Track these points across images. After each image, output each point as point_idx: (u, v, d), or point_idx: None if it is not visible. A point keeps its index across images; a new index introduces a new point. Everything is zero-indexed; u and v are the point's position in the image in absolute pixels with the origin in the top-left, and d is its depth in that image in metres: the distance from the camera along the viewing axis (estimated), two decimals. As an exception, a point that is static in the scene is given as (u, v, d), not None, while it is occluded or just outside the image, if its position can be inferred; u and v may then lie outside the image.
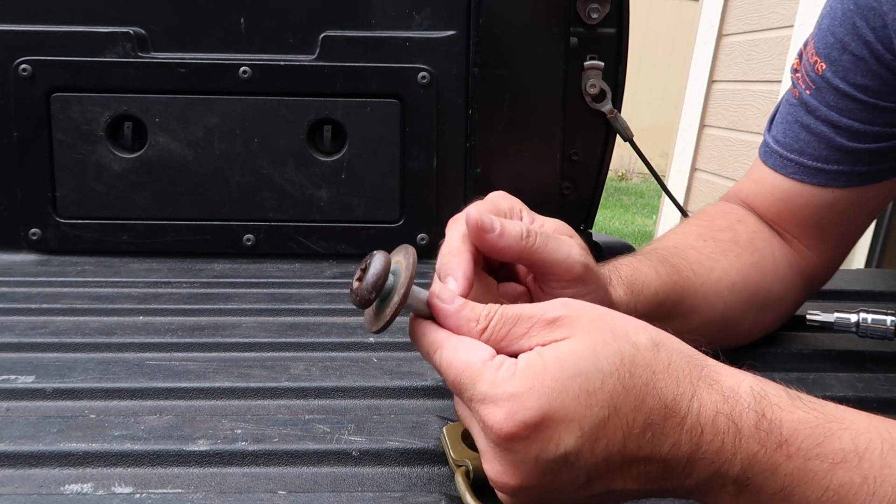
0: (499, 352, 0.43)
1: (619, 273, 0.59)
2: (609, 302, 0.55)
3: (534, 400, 0.39)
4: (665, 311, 0.61)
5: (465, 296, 0.47)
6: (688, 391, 0.40)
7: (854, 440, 0.40)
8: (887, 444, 0.40)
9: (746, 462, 0.39)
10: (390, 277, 0.45)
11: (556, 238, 0.52)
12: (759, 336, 0.74)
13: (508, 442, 0.39)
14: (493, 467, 0.41)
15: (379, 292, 0.45)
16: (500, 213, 0.53)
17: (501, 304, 0.45)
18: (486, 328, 0.43)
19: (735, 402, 0.40)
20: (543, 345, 0.41)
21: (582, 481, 0.40)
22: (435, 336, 0.45)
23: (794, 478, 0.39)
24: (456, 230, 0.52)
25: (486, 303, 0.45)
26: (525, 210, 0.56)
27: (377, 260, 0.44)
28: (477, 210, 0.50)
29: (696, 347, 0.43)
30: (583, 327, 0.41)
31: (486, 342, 0.43)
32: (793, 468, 0.39)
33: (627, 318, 0.43)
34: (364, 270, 0.45)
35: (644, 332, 0.42)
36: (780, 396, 0.41)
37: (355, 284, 0.45)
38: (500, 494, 0.42)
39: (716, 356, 0.43)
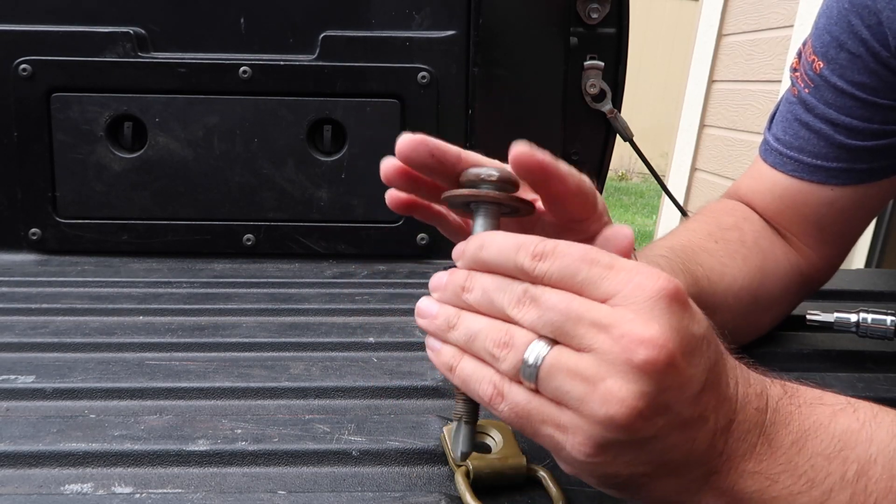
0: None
1: None
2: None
3: (675, 280, 0.38)
4: None
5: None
6: (723, 347, 0.42)
7: (846, 398, 0.43)
8: (875, 407, 0.43)
9: (773, 409, 0.41)
10: None
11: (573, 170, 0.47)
12: (750, 339, 0.74)
13: (671, 301, 0.37)
14: (652, 326, 0.36)
15: (515, 186, 0.46)
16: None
17: None
18: None
19: (748, 366, 0.43)
20: None
21: (700, 385, 0.38)
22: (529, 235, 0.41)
23: (804, 426, 0.41)
24: None
25: None
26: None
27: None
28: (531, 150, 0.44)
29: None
30: None
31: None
32: (803, 417, 0.42)
33: None
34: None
35: None
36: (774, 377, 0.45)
37: (499, 168, 0.45)
38: (630, 376, 0.36)
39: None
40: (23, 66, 0.97)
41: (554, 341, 0.38)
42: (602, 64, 1.11)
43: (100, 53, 0.98)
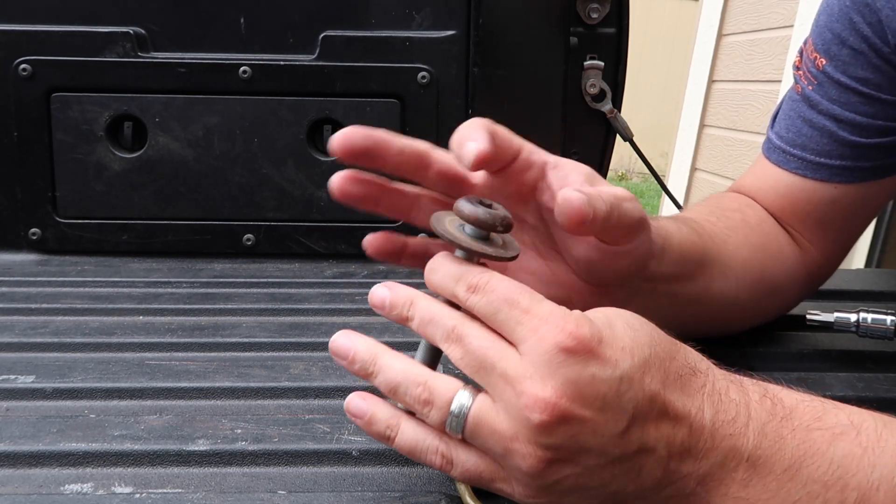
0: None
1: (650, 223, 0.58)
2: (650, 248, 0.53)
3: (591, 322, 0.39)
4: (689, 269, 0.60)
5: (487, 155, 0.44)
6: (704, 364, 0.42)
7: (849, 416, 0.41)
8: (879, 421, 0.41)
9: (758, 433, 0.40)
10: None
11: (623, 202, 0.47)
12: (758, 322, 0.74)
13: (572, 353, 0.37)
14: (544, 386, 0.37)
15: (506, 229, 0.43)
16: (515, 147, 0.49)
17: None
18: None
19: (741, 380, 0.43)
20: None
21: (624, 422, 0.38)
22: (477, 266, 0.43)
23: (799, 452, 0.40)
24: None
25: None
26: (547, 154, 0.51)
27: (498, 204, 0.44)
28: (569, 196, 0.43)
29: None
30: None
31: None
32: (798, 441, 0.40)
33: None
34: (481, 204, 0.43)
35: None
36: (776, 385, 0.43)
37: (486, 210, 0.42)
38: (531, 434, 0.38)
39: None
40: (23, 66, 0.97)
41: (477, 388, 0.41)
42: (602, 64, 1.11)
43: (100, 53, 0.98)
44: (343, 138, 0.48)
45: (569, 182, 0.49)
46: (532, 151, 0.51)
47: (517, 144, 0.50)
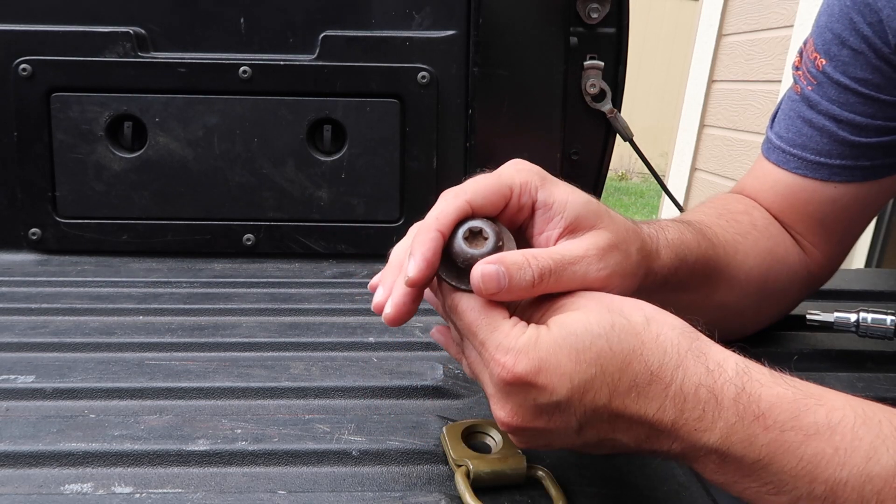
0: None
1: (665, 235, 0.58)
2: (637, 266, 0.52)
3: (535, 354, 0.44)
4: (696, 281, 0.61)
5: (420, 279, 0.47)
6: (673, 361, 0.44)
7: (828, 415, 0.42)
8: (860, 418, 0.42)
9: (725, 432, 0.42)
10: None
11: (571, 266, 0.48)
12: (758, 328, 0.74)
13: (511, 386, 0.44)
14: (500, 408, 0.46)
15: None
16: (504, 197, 0.49)
17: None
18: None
19: (718, 375, 0.43)
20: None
21: (574, 427, 0.45)
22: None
23: (770, 448, 0.42)
24: (441, 203, 0.49)
25: None
26: (541, 186, 0.50)
27: (491, 232, 0.48)
28: (480, 271, 0.46)
29: (692, 324, 0.46)
30: (582, 303, 0.47)
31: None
32: (769, 439, 0.42)
33: (626, 299, 0.47)
34: (477, 236, 0.48)
35: (638, 310, 0.45)
36: (763, 373, 0.44)
37: (472, 247, 0.48)
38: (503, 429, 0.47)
39: (711, 335, 0.46)
40: (23, 66, 0.97)
41: None
42: (602, 64, 1.11)
43: (100, 53, 0.98)
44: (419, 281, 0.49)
45: (550, 229, 0.50)
46: (522, 192, 0.50)
47: (505, 190, 0.50)
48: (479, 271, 0.46)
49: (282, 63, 1.00)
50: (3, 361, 0.66)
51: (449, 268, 0.48)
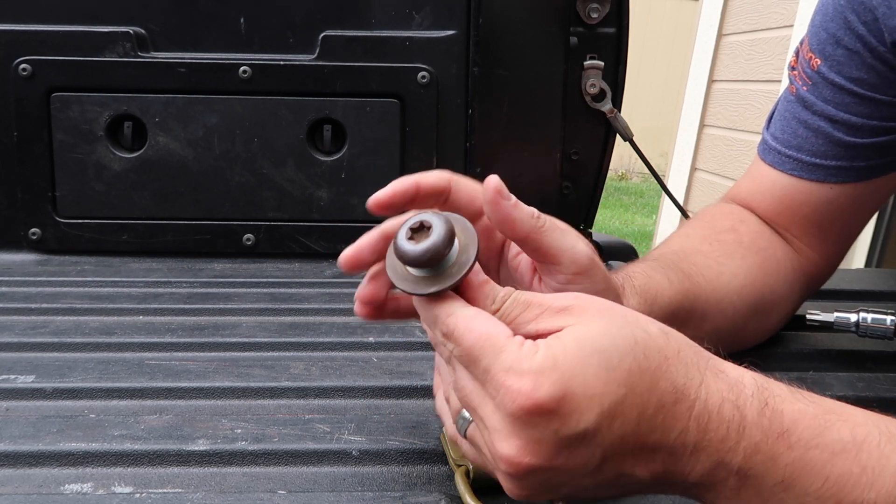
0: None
1: (632, 282, 0.58)
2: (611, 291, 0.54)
3: (557, 376, 0.38)
4: (679, 320, 0.60)
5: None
6: (696, 378, 0.41)
7: (852, 431, 0.40)
8: (884, 436, 0.40)
9: (749, 451, 0.40)
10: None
11: (562, 229, 0.50)
12: (761, 340, 0.74)
13: (531, 415, 0.38)
14: (509, 444, 0.39)
15: (443, 256, 0.42)
16: (445, 177, 0.51)
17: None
18: (498, 310, 0.43)
19: (740, 391, 0.41)
20: (553, 330, 0.41)
21: (595, 463, 0.40)
22: (451, 301, 0.43)
23: (794, 468, 0.39)
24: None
25: None
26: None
27: (439, 224, 0.42)
28: (496, 177, 0.47)
29: (698, 343, 0.44)
30: (593, 314, 0.41)
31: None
32: (793, 458, 0.39)
33: (636, 312, 0.43)
34: (420, 230, 0.42)
35: (653, 323, 0.42)
36: (782, 389, 0.42)
37: (409, 244, 0.42)
38: (506, 479, 0.41)
39: (717, 353, 0.44)
40: (23, 66, 0.97)
41: None
42: (602, 64, 1.11)
43: (100, 53, 0.98)
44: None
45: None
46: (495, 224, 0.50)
47: (444, 173, 0.51)
48: (493, 177, 0.46)
49: (282, 63, 1.00)
50: (3, 361, 0.67)
51: (404, 276, 0.44)
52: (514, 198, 0.48)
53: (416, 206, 0.51)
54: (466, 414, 0.43)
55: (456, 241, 0.43)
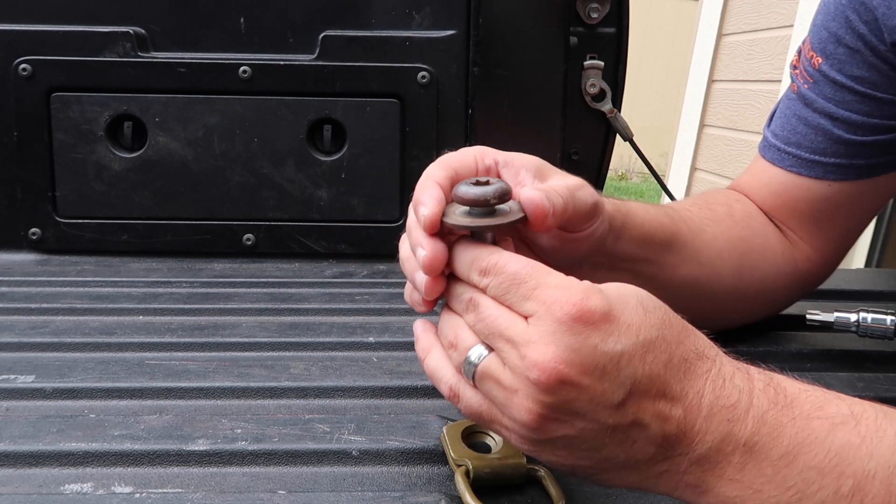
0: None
1: (607, 200, 0.59)
2: (606, 228, 0.55)
3: (604, 296, 0.41)
4: (654, 247, 0.61)
5: (433, 214, 0.45)
6: (713, 350, 0.44)
7: (850, 407, 0.42)
8: (880, 412, 0.42)
9: (757, 420, 0.41)
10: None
11: (576, 192, 0.51)
12: (747, 317, 0.74)
13: (577, 321, 0.40)
14: (546, 350, 0.40)
15: (509, 196, 0.46)
16: (472, 159, 0.52)
17: None
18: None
19: (748, 367, 0.44)
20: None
21: (621, 395, 0.40)
22: (492, 246, 0.45)
23: (798, 439, 0.40)
24: (426, 171, 0.51)
25: None
26: (494, 151, 0.54)
27: (495, 179, 0.46)
28: (529, 193, 0.47)
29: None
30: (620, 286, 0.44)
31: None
32: (797, 429, 0.41)
33: None
34: (480, 184, 0.45)
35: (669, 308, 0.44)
36: (779, 373, 0.44)
37: (477, 188, 0.45)
38: (530, 391, 0.41)
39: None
40: (23, 66, 0.97)
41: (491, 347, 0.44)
42: (602, 64, 1.11)
43: (100, 53, 0.98)
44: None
45: (521, 179, 0.52)
46: (483, 156, 0.52)
47: (471, 159, 0.52)
48: (529, 193, 0.46)
49: (282, 63, 1.00)
50: (3, 361, 0.66)
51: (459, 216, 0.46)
52: (552, 203, 0.47)
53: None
54: (474, 355, 0.44)
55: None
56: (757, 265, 0.70)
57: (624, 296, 0.42)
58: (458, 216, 0.46)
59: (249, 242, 1.03)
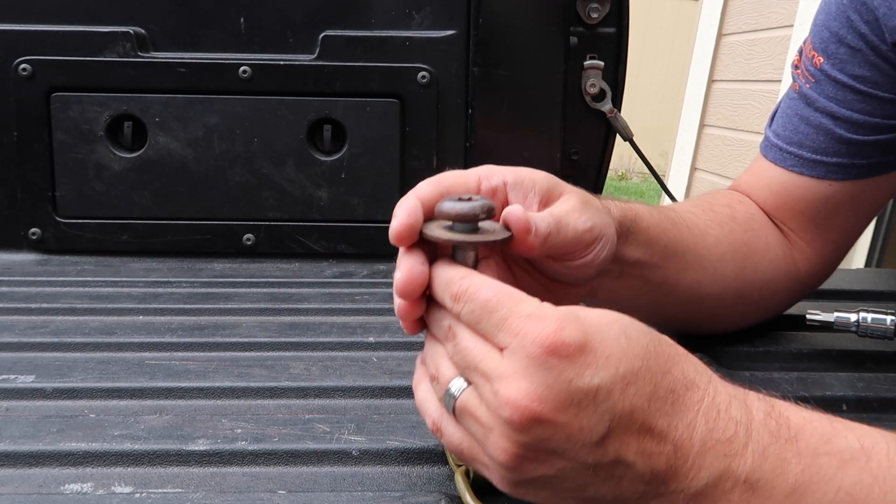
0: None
1: (613, 204, 0.58)
2: (609, 217, 0.54)
3: (579, 325, 0.38)
4: (659, 253, 0.60)
5: (402, 226, 0.44)
6: (706, 376, 0.41)
7: (860, 439, 0.39)
8: (892, 444, 0.39)
9: (757, 456, 0.38)
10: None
11: (563, 219, 0.48)
12: (750, 321, 0.74)
13: (550, 355, 0.37)
14: (518, 387, 0.38)
15: (493, 213, 0.44)
16: (473, 180, 0.50)
17: None
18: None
19: (746, 395, 0.41)
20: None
21: (600, 432, 0.38)
22: (468, 269, 0.44)
23: (805, 476, 0.38)
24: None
25: None
26: (505, 169, 0.51)
27: (480, 197, 0.45)
28: (512, 210, 0.45)
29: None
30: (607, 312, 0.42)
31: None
32: (803, 466, 0.38)
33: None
34: (465, 200, 0.44)
35: (661, 334, 0.42)
36: (784, 401, 0.41)
37: (460, 203, 0.43)
38: (502, 440, 0.39)
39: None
40: (23, 66, 0.97)
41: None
42: (602, 64, 1.11)
43: (100, 53, 0.98)
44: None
45: (528, 202, 0.50)
46: (490, 176, 0.50)
47: (473, 179, 0.50)
48: (512, 210, 0.44)
49: (282, 63, 1.00)
50: (3, 361, 0.67)
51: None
52: (536, 225, 0.46)
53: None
54: (454, 388, 0.42)
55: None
56: (758, 267, 0.70)
57: (604, 324, 0.39)
58: (438, 230, 0.45)
59: (249, 242, 1.03)
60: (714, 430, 0.39)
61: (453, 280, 0.43)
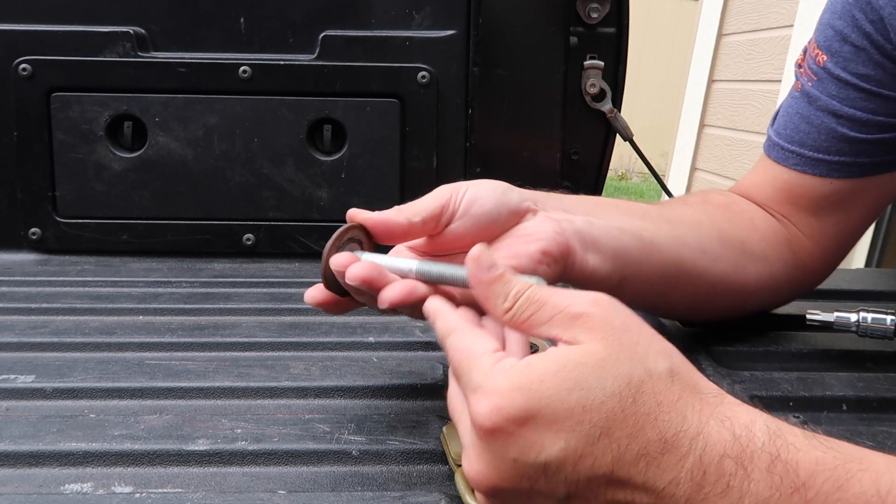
0: (521, 332, 0.43)
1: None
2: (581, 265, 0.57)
3: (522, 397, 0.37)
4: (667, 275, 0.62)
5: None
6: (693, 428, 0.38)
7: (875, 483, 0.36)
8: None
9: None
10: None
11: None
12: (746, 308, 0.75)
13: (489, 436, 0.38)
14: (471, 464, 0.40)
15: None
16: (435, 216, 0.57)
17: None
18: (510, 308, 0.42)
19: (747, 442, 0.37)
20: (562, 340, 0.40)
21: (561, 496, 0.38)
22: (450, 318, 0.45)
23: None
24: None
25: None
26: (461, 202, 0.57)
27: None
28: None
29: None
30: (603, 335, 0.39)
31: (509, 322, 0.42)
32: None
33: (654, 339, 0.40)
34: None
35: (664, 360, 0.39)
36: (796, 436, 0.38)
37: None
38: (477, 494, 0.42)
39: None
40: (23, 66, 0.97)
41: None
42: (602, 63, 1.11)
43: (100, 53, 0.98)
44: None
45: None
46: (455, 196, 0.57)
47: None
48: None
49: (282, 63, 1.00)
50: (3, 361, 0.67)
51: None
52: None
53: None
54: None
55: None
56: (743, 237, 0.70)
57: (560, 392, 0.37)
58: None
59: (249, 242, 1.03)
60: (703, 487, 0.37)
61: (441, 337, 0.45)
